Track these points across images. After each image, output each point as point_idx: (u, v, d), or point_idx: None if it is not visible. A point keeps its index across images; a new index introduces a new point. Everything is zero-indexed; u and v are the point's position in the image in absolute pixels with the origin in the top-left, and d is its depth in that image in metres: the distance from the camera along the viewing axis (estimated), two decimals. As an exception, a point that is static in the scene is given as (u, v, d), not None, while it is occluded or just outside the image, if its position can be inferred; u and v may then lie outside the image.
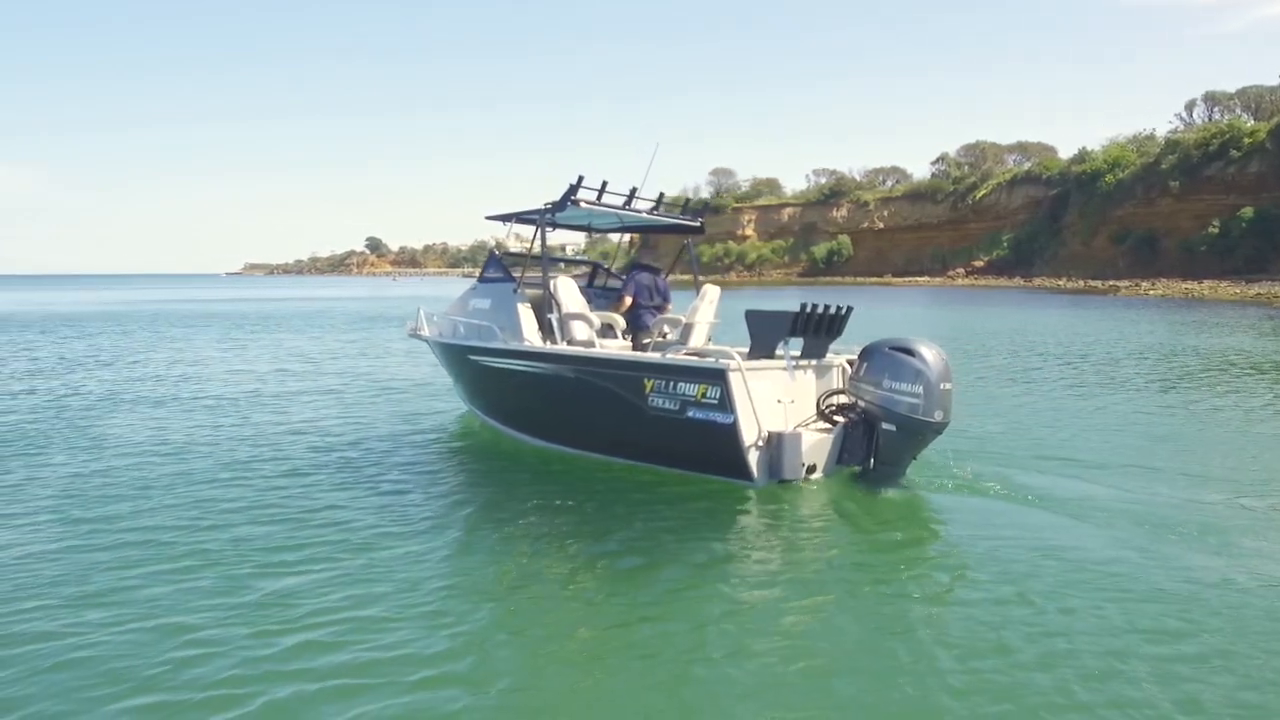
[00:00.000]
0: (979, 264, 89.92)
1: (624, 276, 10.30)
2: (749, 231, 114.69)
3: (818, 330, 8.16)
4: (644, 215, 9.87)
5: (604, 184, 9.08)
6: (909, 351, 7.38)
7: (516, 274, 9.68)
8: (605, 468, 8.31)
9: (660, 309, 9.86)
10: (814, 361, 8.27)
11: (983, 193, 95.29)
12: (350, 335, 26.31)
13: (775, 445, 7.54)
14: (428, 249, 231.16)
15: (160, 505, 7.11)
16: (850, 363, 8.18)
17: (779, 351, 8.12)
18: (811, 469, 7.64)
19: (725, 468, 7.61)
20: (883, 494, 7.34)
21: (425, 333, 11.35)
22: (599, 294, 10.65)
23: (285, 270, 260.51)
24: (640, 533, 6.46)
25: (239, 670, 4.30)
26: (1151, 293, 56.01)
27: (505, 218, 10.09)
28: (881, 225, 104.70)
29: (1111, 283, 64.55)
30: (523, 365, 8.93)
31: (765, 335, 8.21)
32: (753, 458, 7.46)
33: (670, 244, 12.45)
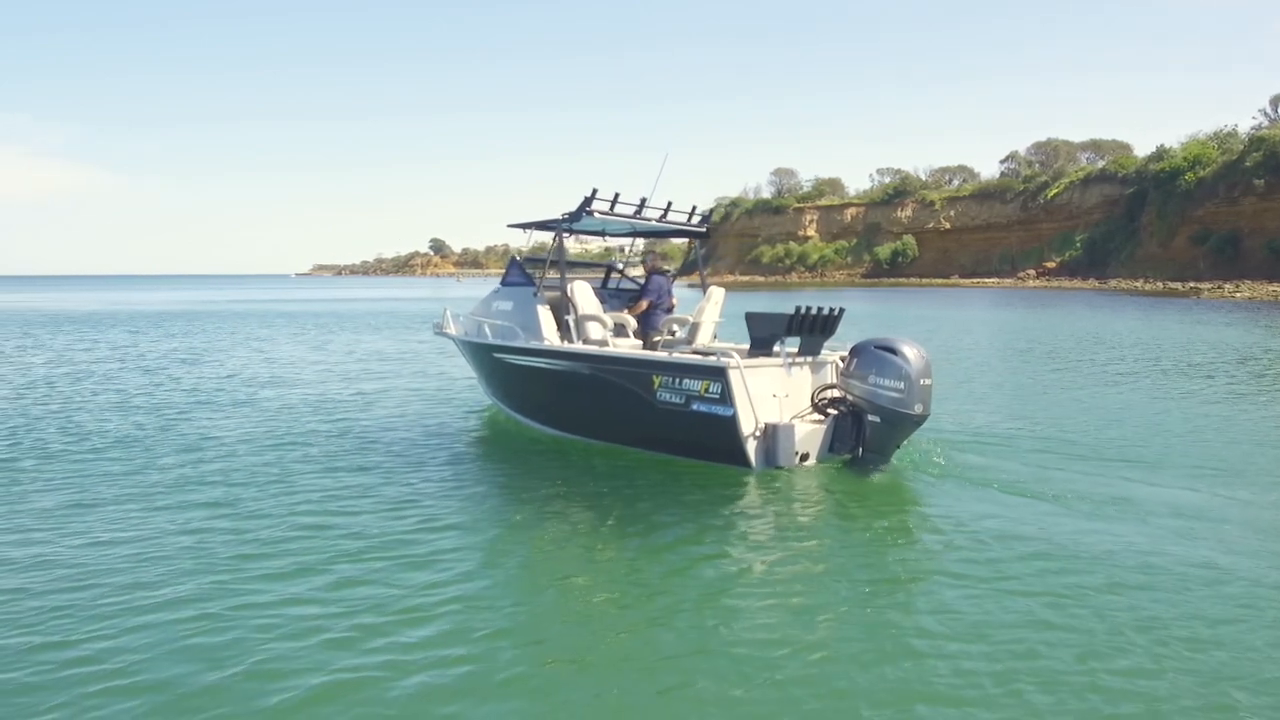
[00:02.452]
0: (1051, 265, 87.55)
1: (638, 280, 11.11)
2: (811, 232, 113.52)
3: (812, 330, 8.80)
4: (654, 222, 10.49)
5: (616, 195, 9.70)
6: (893, 350, 8.09)
7: (536, 277, 10.33)
8: (617, 455, 8.98)
9: (670, 309, 10.60)
10: (809, 359, 8.91)
11: (1055, 191, 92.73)
12: (422, 335, 26.75)
13: (771, 435, 8.25)
14: (489, 250, 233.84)
15: (247, 497, 7.37)
16: (843, 359, 8.74)
17: (776, 349, 8.78)
18: (805, 457, 8.34)
19: (726, 456, 8.28)
20: (868, 479, 7.98)
21: (451, 331, 12.04)
22: (612, 294, 11.33)
23: (352, 271, 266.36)
24: (648, 514, 7.02)
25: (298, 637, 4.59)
26: (1236, 295, 53.83)
27: (526, 226, 10.67)
28: (948, 225, 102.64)
29: (1192, 285, 62.26)
30: (542, 363, 9.65)
31: (764, 334, 8.89)
32: (750, 447, 8.16)
33: (731, 252, 12.77)
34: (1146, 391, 13.95)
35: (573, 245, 16.96)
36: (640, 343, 10.27)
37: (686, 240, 12.44)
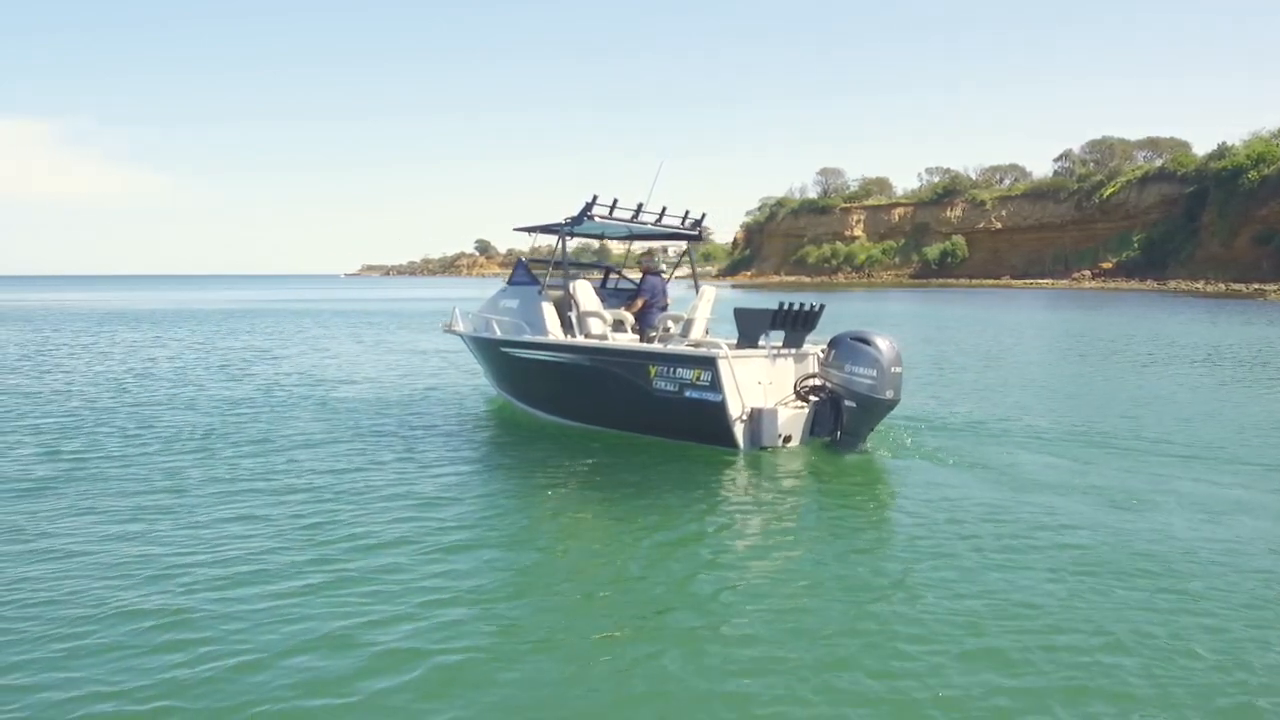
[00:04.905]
0: (1107, 266, 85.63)
1: (634, 281, 11.81)
2: (858, 232, 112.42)
3: (794, 324, 9.59)
4: (649, 226, 11.24)
5: (615, 200, 10.40)
6: (866, 341, 8.75)
7: (541, 277, 11.09)
8: (616, 440, 9.67)
9: (664, 308, 11.22)
10: (792, 350, 9.62)
11: (1111, 190, 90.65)
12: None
13: (756, 419, 8.98)
14: (534, 251, 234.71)
15: (297, 486, 7.60)
16: (824, 352, 9.35)
17: (761, 342, 9.53)
18: (788, 439, 9.07)
19: (715, 438, 9.00)
20: (845, 459, 8.71)
21: (459, 328, 12.75)
22: (611, 294, 11.99)
23: (399, 271, 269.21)
24: (643, 492, 7.64)
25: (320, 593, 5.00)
26: (1304, 297, 52.17)
27: (531, 229, 11.41)
28: (999, 225, 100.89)
29: (1257, 286, 60.51)
30: (547, 356, 10.33)
31: (750, 328, 9.59)
32: (738, 430, 8.92)
33: (776, 252, 13.07)
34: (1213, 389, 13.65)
35: (615, 248, 17.51)
36: (638, 337, 10.89)
37: (729, 243, 12.79)
